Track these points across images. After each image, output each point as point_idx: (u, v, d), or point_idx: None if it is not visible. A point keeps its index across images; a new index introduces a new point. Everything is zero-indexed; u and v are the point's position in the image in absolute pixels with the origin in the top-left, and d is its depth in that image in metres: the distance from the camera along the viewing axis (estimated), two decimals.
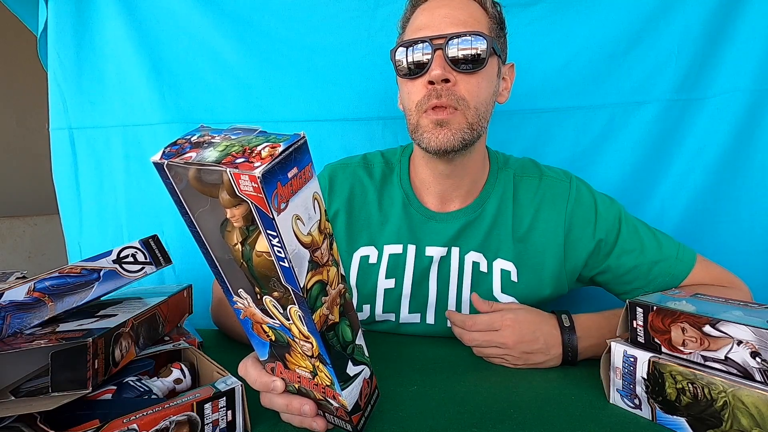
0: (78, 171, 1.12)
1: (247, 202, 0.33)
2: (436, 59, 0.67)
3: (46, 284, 0.51)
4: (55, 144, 1.10)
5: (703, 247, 1.04)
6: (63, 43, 1.07)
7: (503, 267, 0.77)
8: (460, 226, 0.77)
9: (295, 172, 0.34)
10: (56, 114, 1.10)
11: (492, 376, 0.62)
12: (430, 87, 0.68)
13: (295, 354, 0.43)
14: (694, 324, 0.48)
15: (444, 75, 0.66)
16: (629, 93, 1.04)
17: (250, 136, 0.35)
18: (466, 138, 0.69)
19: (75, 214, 1.12)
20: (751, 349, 0.44)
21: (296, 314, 0.38)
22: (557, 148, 1.07)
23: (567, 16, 1.04)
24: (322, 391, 0.44)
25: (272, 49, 1.09)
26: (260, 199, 0.31)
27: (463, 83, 0.68)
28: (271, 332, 0.43)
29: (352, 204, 0.80)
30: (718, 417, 0.45)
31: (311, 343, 0.40)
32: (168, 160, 0.34)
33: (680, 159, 1.04)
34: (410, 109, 0.72)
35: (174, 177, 0.35)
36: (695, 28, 1.00)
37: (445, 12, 0.69)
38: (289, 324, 0.40)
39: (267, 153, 0.32)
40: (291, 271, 0.34)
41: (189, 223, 0.37)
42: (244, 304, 0.42)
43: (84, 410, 0.45)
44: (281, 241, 0.33)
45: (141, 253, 0.62)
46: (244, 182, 0.31)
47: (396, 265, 0.78)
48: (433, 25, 0.69)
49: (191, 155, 0.34)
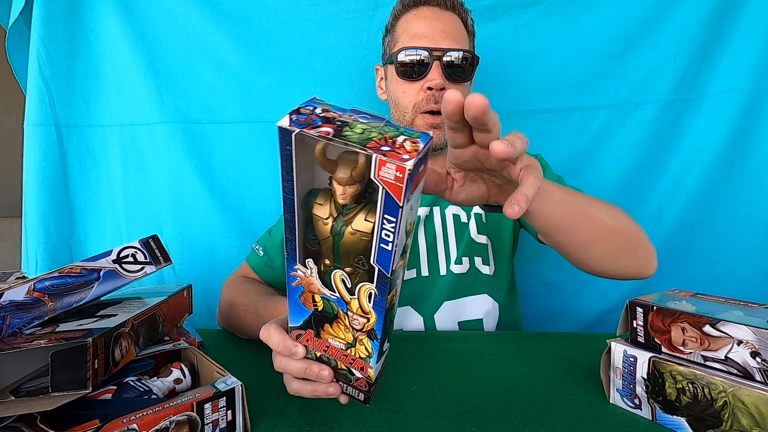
0: (67, 169, 1.08)
1: (359, 183, 0.36)
2: (435, 68, 0.79)
3: (46, 284, 0.51)
4: (30, 140, 1.05)
5: (701, 247, 1.05)
6: (53, 38, 1.04)
7: (476, 212, 0.90)
8: (433, 196, 0.84)
9: (422, 169, 0.37)
10: (38, 110, 1.05)
11: (492, 376, 0.62)
12: (429, 92, 0.80)
13: (339, 326, 0.45)
14: (694, 324, 0.48)
15: (442, 83, 0.79)
16: (627, 94, 1.05)
17: (381, 123, 0.37)
18: None
19: (63, 213, 1.08)
20: (751, 349, 0.44)
21: (365, 291, 0.41)
22: (555, 149, 1.08)
23: (565, 17, 1.04)
24: (350, 362, 0.46)
25: (271, 49, 1.09)
26: (398, 189, 0.34)
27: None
28: (321, 302, 0.44)
29: None
30: (718, 417, 0.45)
31: (368, 318, 0.42)
32: (299, 128, 0.35)
33: (678, 159, 1.04)
34: (405, 107, 0.82)
35: (297, 144, 0.35)
36: (693, 29, 1.00)
37: (441, 27, 0.81)
38: (351, 298, 0.42)
39: (411, 147, 0.34)
40: (392, 254, 0.37)
41: (289, 190, 0.38)
42: (305, 273, 0.43)
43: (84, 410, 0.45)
44: (396, 227, 0.36)
45: (141, 253, 0.62)
46: (387, 170, 0.33)
47: None
48: (432, 36, 0.80)
49: (327, 130, 0.35)
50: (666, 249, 1.06)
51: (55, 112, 1.07)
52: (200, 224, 1.10)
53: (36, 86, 1.05)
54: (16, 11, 1.04)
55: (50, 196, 1.06)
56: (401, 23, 0.84)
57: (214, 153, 1.11)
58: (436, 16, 0.82)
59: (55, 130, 1.07)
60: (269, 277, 0.90)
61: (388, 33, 0.89)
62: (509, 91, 1.07)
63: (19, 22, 1.06)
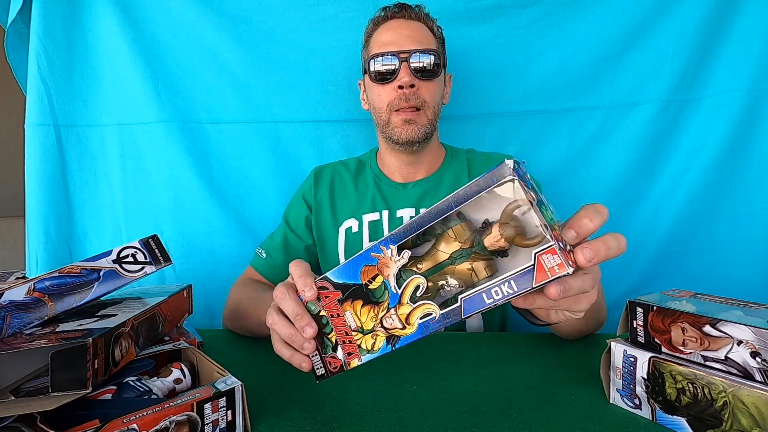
0: (66, 169, 1.08)
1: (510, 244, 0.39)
2: (403, 69, 0.85)
3: (46, 284, 0.51)
4: (31, 140, 1.05)
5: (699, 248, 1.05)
6: (51, 37, 1.04)
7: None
8: (422, 190, 0.93)
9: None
10: (37, 110, 1.05)
11: (492, 376, 0.62)
12: (400, 92, 0.85)
13: (370, 311, 0.46)
14: (694, 324, 0.48)
15: (411, 81, 0.84)
16: (625, 94, 1.05)
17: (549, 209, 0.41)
18: (427, 131, 0.87)
19: (62, 213, 1.08)
20: (751, 349, 0.44)
21: (425, 308, 0.44)
22: (552, 150, 1.08)
23: (562, 17, 1.04)
24: (344, 341, 0.48)
25: (271, 49, 1.08)
26: (544, 276, 0.37)
27: (424, 88, 0.86)
28: (378, 284, 0.45)
29: (333, 189, 0.96)
30: (718, 417, 0.45)
31: (405, 327, 0.45)
32: (518, 178, 0.38)
33: (675, 160, 1.04)
34: (381, 108, 0.88)
35: (498, 185, 0.38)
36: (690, 29, 1.00)
37: (407, 33, 0.87)
38: (407, 303, 0.44)
39: (568, 249, 0.38)
40: (483, 307, 0.41)
41: (458, 203, 0.40)
42: (392, 257, 0.44)
43: (84, 410, 0.45)
44: (510, 296, 0.39)
45: (141, 253, 0.62)
46: (551, 259, 0.37)
47: (375, 231, 0.91)
48: (399, 42, 0.86)
49: (533, 196, 0.38)
50: (665, 249, 1.06)
51: (54, 112, 1.06)
52: (200, 224, 1.10)
53: (35, 86, 1.05)
54: (14, 11, 1.03)
55: (49, 196, 1.06)
56: (373, 37, 0.91)
57: (214, 153, 1.11)
58: (402, 25, 0.88)
59: (53, 130, 1.07)
60: (273, 276, 0.92)
61: (364, 48, 0.94)
62: (507, 92, 1.07)
63: (18, 21, 1.05)
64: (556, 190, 1.03)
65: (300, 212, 0.96)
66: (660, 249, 1.06)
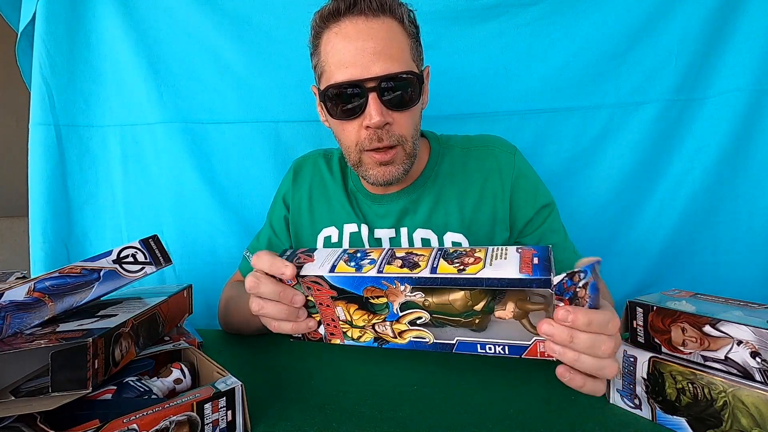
0: (65, 169, 1.08)
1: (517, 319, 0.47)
2: (371, 104, 0.66)
3: (46, 284, 0.51)
4: (33, 140, 1.05)
5: (702, 247, 1.05)
6: (54, 38, 1.05)
7: (454, 240, 0.79)
8: (401, 207, 0.80)
9: None
10: (39, 110, 1.05)
11: (492, 377, 0.62)
12: (370, 130, 0.68)
13: (364, 315, 0.50)
14: (694, 324, 0.48)
15: (383, 120, 0.66)
16: (628, 93, 1.04)
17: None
18: (408, 167, 0.73)
19: (61, 212, 1.08)
20: (751, 349, 0.44)
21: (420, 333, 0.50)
22: (556, 149, 1.07)
23: (566, 16, 1.04)
24: (329, 323, 0.52)
25: (271, 49, 1.08)
26: (535, 353, 0.48)
27: (400, 120, 0.69)
28: (382, 302, 0.49)
29: (312, 192, 0.87)
30: (718, 417, 0.45)
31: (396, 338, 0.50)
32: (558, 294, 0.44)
33: (679, 159, 1.04)
34: (348, 147, 0.72)
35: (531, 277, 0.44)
36: (694, 29, 1.00)
37: (371, 46, 0.65)
38: (404, 324, 0.50)
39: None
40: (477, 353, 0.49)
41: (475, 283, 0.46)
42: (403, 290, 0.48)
43: (84, 410, 0.45)
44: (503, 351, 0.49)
45: (141, 253, 0.62)
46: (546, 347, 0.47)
47: (355, 243, 0.83)
48: (362, 62, 0.65)
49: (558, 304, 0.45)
50: (667, 249, 1.05)
51: (55, 112, 1.07)
52: (201, 224, 1.10)
53: (36, 86, 1.05)
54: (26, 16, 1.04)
55: (48, 195, 1.06)
56: (324, 43, 0.70)
57: (215, 153, 1.11)
58: (361, 31, 0.66)
59: (54, 130, 1.07)
60: None
61: (314, 53, 0.74)
62: (510, 91, 1.07)
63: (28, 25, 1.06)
64: (561, 189, 1.02)
65: (281, 214, 0.90)
66: (662, 248, 1.06)
